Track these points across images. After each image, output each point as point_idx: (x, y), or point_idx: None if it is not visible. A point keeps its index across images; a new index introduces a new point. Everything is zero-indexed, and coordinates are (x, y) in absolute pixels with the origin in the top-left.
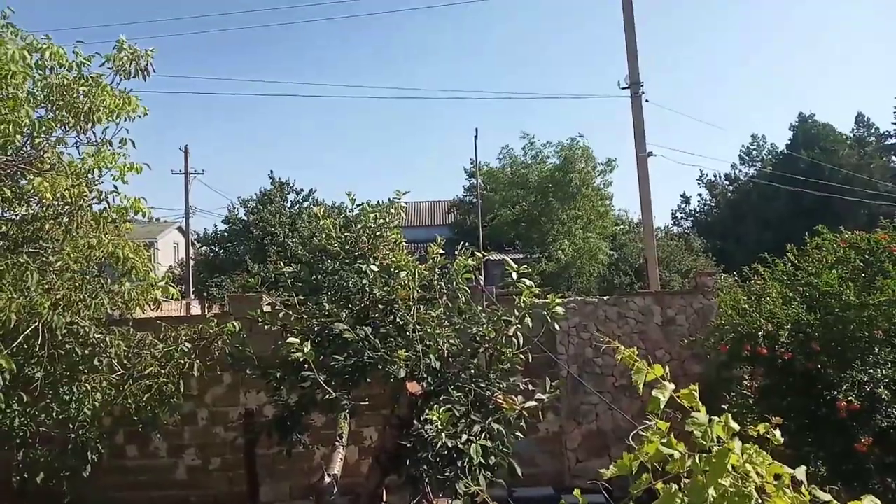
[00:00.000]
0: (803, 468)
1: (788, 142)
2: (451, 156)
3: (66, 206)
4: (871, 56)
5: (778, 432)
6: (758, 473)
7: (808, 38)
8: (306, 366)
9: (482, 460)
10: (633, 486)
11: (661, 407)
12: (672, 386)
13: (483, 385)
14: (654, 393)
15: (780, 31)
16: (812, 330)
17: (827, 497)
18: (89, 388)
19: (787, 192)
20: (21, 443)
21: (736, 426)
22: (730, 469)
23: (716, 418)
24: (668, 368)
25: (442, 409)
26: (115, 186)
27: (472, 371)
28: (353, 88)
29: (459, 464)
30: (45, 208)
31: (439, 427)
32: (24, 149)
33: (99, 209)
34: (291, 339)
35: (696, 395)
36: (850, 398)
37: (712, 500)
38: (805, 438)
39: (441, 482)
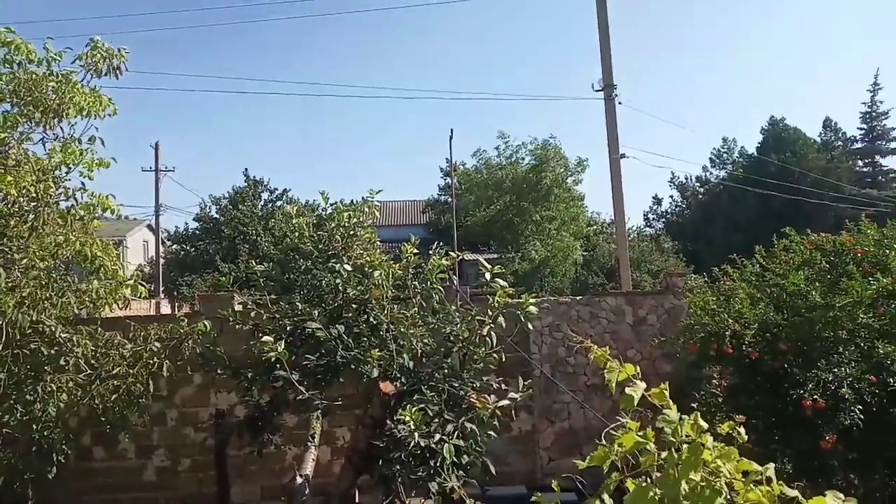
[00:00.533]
0: (772, 465)
1: (759, 145)
2: (426, 156)
3: (32, 203)
4: (841, 61)
5: (742, 430)
6: (727, 469)
7: (780, 43)
8: (279, 365)
9: (455, 459)
10: (604, 482)
11: (634, 405)
12: (643, 384)
13: (456, 384)
14: (626, 391)
15: (754, 36)
16: (779, 330)
17: (793, 493)
18: (55, 388)
19: (756, 194)
20: None
21: (704, 424)
22: (701, 464)
23: (685, 416)
24: (639, 368)
25: (415, 408)
26: (83, 183)
27: (446, 370)
28: (328, 87)
29: (432, 463)
30: (9, 205)
31: (412, 427)
32: None
33: (66, 206)
34: (265, 339)
35: (667, 393)
36: (815, 397)
37: (685, 493)
38: (772, 436)
39: (414, 482)
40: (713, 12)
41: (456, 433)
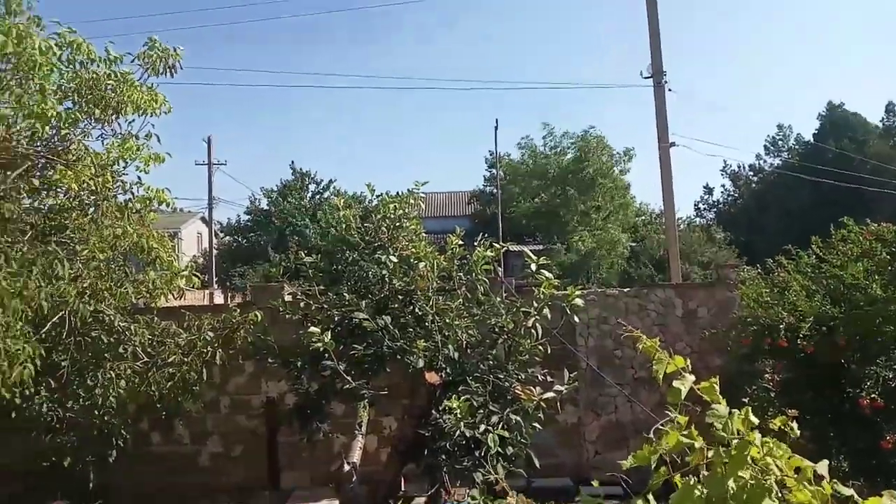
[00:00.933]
0: (825, 462)
1: (816, 132)
2: (471, 147)
3: (92, 197)
4: None
5: (795, 425)
6: (778, 467)
7: (837, 27)
8: (326, 355)
9: (500, 450)
10: (651, 478)
11: (682, 398)
12: (692, 378)
13: (501, 376)
14: (674, 384)
15: (817, 19)
16: (836, 324)
17: (849, 492)
18: (114, 375)
19: (812, 183)
20: (48, 428)
21: (755, 419)
22: (750, 461)
23: (736, 411)
24: (688, 361)
25: (461, 398)
26: (139, 177)
27: (491, 362)
28: (375, 80)
29: (477, 454)
30: (71, 199)
31: (458, 416)
32: (52, 140)
33: (124, 199)
34: (312, 329)
35: (717, 387)
36: (873, 395)
37: (732, 492)
38: (828, 433)
39: (459, 472)
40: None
41: (501, 424)
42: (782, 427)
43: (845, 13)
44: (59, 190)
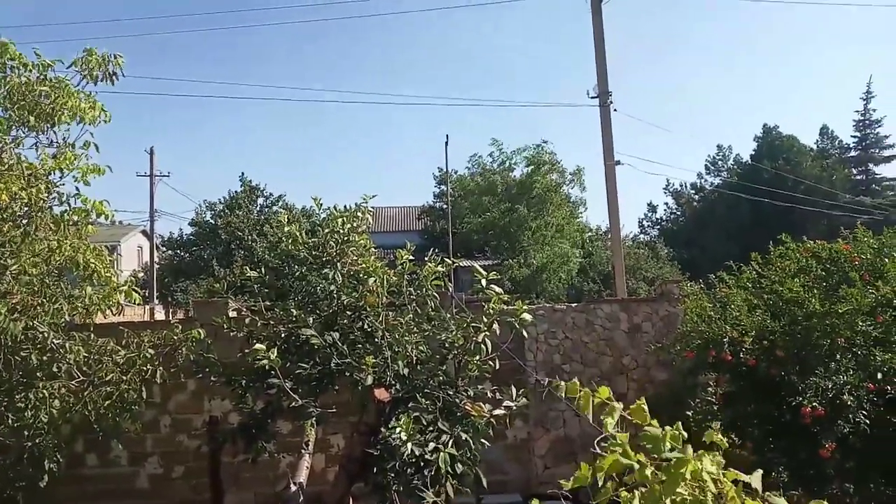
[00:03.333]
0: (758, 473)
1: (753, 153)
2: (421, 162)
3: (25, 209)
4: (837, 69)
5: (722, 438)
6: (716, 481)
7: (776, 51)
8: (272, 372)
9: (449, 469)
10: (597, 495)
11: (611, 430)
12: (620, 405)
13: (451, 392)
14: (602, 418)
15: (750, 44)
16: (776, 337)
17: (782, 502)
18: (47, 394)
19: (751, 202)
20: None
21: (684, 433)
22: (687, 477)
23: (668, 428)
24: (634, 375)
25: (408, 416)
26: (77, 188)
27: (441, 378)
28: (324, 93)
29: (427, 472)
30: (1, 210)
31: (404, 436)
32: None
33: (60, 211)
34: (258, 346)
35: (646, 409)
36: (814, 404)
37: None
38: (769, 444)
39: (408, 490)
40: (710, 20)
41: (450, 442)
42: (712, 441)
43: (784, 37)
44: None
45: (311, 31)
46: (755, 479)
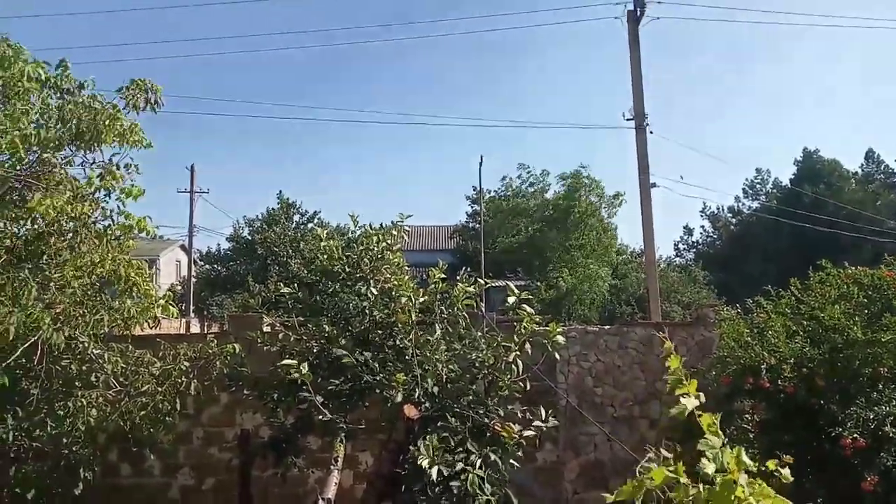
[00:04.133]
0: None
1: (792, 177)
2: (455, 182)
3: (71, 223)
4: (884, 92)
5: (787, 470)
6: None
7: (817, 74)
8: (304, 387)
9: (478, 490)
10: None
11: (685, 416)
12: (697, 402)
13: (481, 412)
14: (681, 401)
15: (790, 66)
16: (815, 365)
17: None
18: (85, 403)
19: (790, 226)
20: (14, 458)
21: (749, 461)
22: (733, 500)
23: (727, 448)
24: (668, 400)
25: (431, 438)
26: (119, 206)
27: (471, 397)
28: (364, 114)
29: (455, 492)
30: (48, 224)
31: (426, 463)
32: (32, 165)
33: (104, 226)
34: (288, 361)
35: (717, 423)
36: (854, 435)
37: None
38: (806, 474)
39: None
40: (749, 41)
41: (479, 462)
42: (773, 470)
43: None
44: (36, 215)
45: (346, 51)
46: None
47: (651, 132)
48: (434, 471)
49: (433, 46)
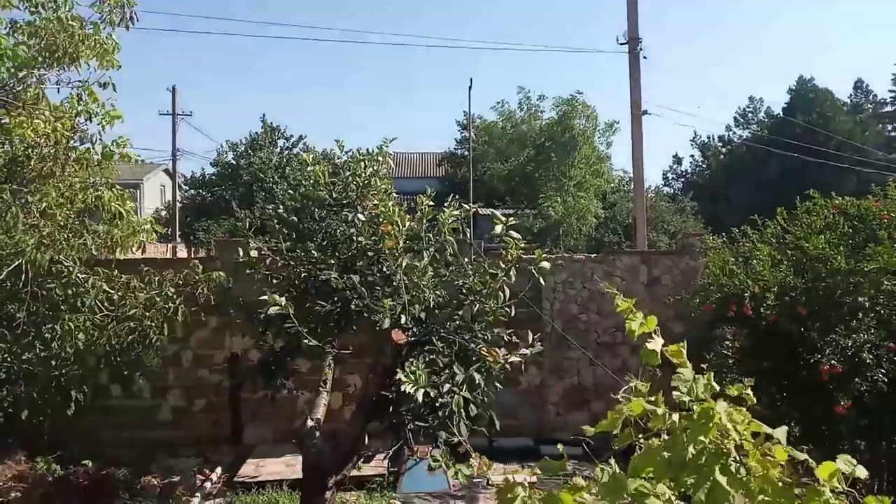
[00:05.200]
0: (783, 428)
1: (785, 105)
2: (443, 108)
3: (52, 147)
4: (875, 22)
5: (751, 392)
6: (737, 431)
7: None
8: (287, 319)
9: (463, 410)
10: (615, 440)
11: (657, 360)
12: (661, 340)
13: (467, 337)
14: (646, 345)
15: None
16: (798, 293)
17: (803, 456)
18: (72, 327)
19: (780, 156)
20: (5, 379)
21: (717, 386)
22: (711, 427)
23: (700, 377)
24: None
25: (417, 362)
26: (99, 131)
27: (458, 323)
28: (346, 33)
29: (441, 413)
30: (27, 147)
31: (418, 383)
32: (9, 84)
33: (84, 149)
34: (267, 296)
35: (685, 351)
36: (832, 362)
37: (691, 456)
38: (784, 399)
39: (423, 430)
40: None
41: (464, 385)
42: (739, 394)
43: None
44: (14, 138)
45: None
46: (780, 432)
47: (645, 57)
48: (420, 394)
49: None
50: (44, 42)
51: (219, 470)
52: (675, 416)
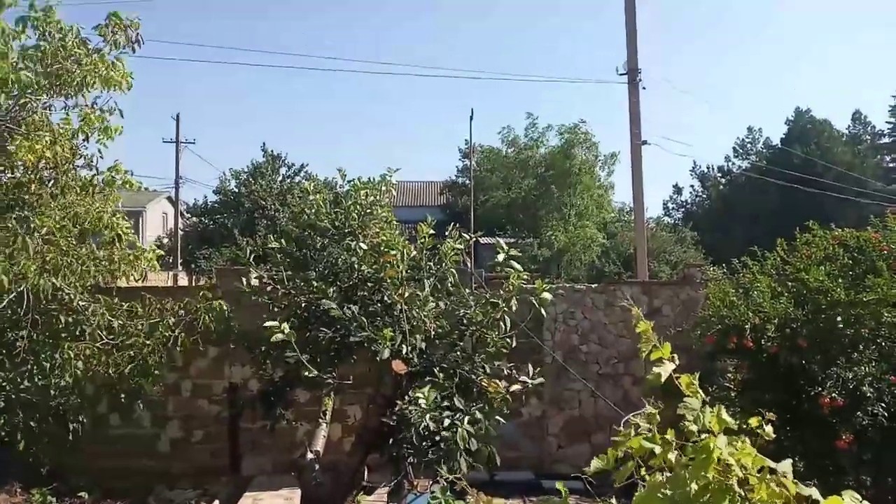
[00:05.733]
0: (789, 462)
1: (783, 136)
2: (445, 137)
3: (52, 171)
4: (873, 53)
5: (770, 428)
6: (742, 466)
7: (811, 32)
8: (289, 346)
9: (464, 444)
10: (617, 473)
11: (660, 382)
12: (672, 365)
13: (468, 368)
14: (654, 369)
15: (785, 26)
16: (798, 325)
17: (808, 491)
18: (72, 355)
19: (779, 187)
20: (2, 409)
21: (730, 420)
22: (712, 463)
23: (708, 408)
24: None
25: (428, 388)
26: (100, 150)
27: (458, 353)
28: (348, 62)
29: (442, 446)
30: (29, 171)
31: (424, 407)
32: (13, 110)
33: (87, 175)
34: (270, 322)
35: (696, 383)
36: (833, 395)
37: (694, 492)
38: (785, 433)
39: (423, 463)
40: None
41: (466, 418)
42: (755, 428)
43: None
44: (17, 163)
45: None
46: (785, 466)
47: (644, 87)
48: (426, 420)
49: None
50: (49, 69)
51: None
52: (674, 455)
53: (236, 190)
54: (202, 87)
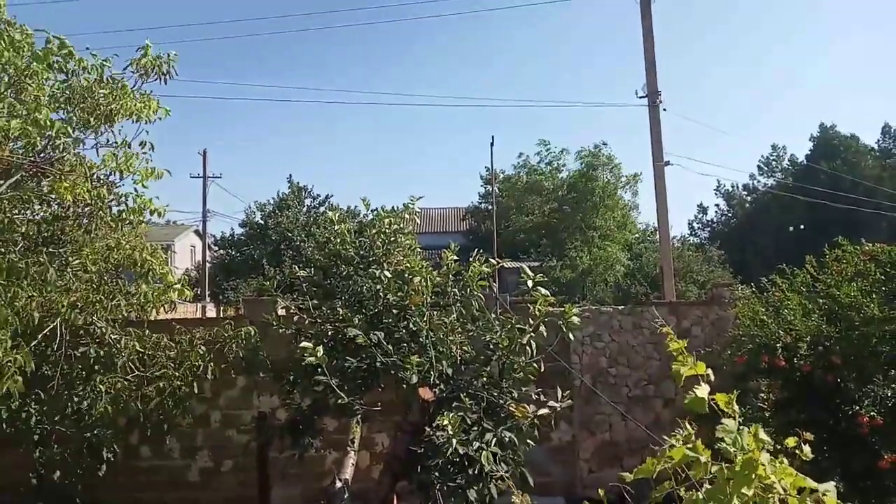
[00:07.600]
0: (832, 483)
1: (809, 153)
2: (466, 163)
3: (86, 209)
4: None
5: (808, 448)
6: (782, 487)
7: (834, 48)
8: (319, 370)
9: (493, 468)
10: (654, 490)
11: (704, 406)
12: (707, 388)
13: (496, 393)
14: (693, 390)
15: (806, 42)
16: (832, 343)
17: None
18: (104, 388)
19: (806, 203)
20: (38, 442)
21: (767, 439)
22: (754, 479)
23: (745, 428)
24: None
25: (453, 414)
26: (136, 189)
27: (485, 379)
28: (370, 94)
29: (471, 471)
30: (64, 210)
31: (450, 433)
32: (45, 150)
33: (118, 211)
34: (305, 344)
35: (734, 402)
36: (872, 413)
37: None
38: (822, 453)
39: (452, 489)
40: (765, 18)
41: (494, 441)
42: (794, 447)
43: (842, 35)
44: (52, 201)
45: (365, 31)
46: (829, 487)
47: (664, 109)
48: (453, 445)
49: (439, 25)
50: (81, 107)
51: None
52: (716, 468)
53: (262, 222)
54: (231, 122)
